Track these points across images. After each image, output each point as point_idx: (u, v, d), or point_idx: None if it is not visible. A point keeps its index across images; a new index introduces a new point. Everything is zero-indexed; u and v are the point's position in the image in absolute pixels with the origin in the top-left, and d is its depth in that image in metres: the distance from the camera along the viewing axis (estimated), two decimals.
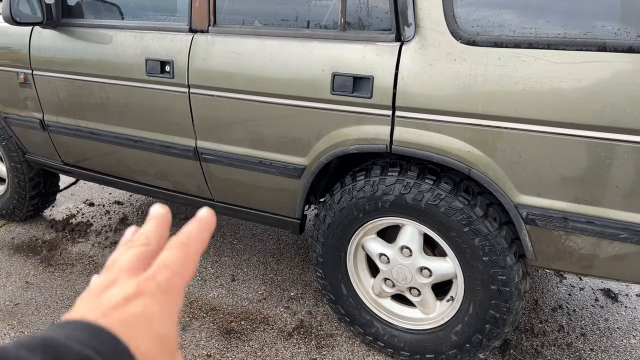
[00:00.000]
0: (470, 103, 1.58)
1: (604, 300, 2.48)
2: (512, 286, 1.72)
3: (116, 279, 0.32)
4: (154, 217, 0.38)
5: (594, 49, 1.41)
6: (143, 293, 0.30)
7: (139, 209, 3.46)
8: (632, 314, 2.38)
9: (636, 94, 1.38)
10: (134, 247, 0.35)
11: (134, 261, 0.33)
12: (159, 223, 0.37)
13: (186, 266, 0.34)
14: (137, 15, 2.36)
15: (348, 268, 2.04)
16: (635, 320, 2.34)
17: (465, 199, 1.70)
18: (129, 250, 0.34)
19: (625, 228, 1.49)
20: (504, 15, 1.53)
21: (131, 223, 3.23)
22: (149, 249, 0.35)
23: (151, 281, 0.31)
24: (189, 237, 0.35)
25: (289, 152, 1.97)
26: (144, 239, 0.35)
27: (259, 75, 1.92)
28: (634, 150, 1.41)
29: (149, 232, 0.36)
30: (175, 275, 0.32)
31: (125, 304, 0.29)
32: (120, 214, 3.37)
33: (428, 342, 1.96)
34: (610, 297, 2.50)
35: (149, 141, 2.33)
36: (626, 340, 2.20)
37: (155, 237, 0.36)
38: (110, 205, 3.52)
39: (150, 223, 0.37)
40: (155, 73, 2.14)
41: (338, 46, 1.77)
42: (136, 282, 0.31)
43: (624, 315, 2.38)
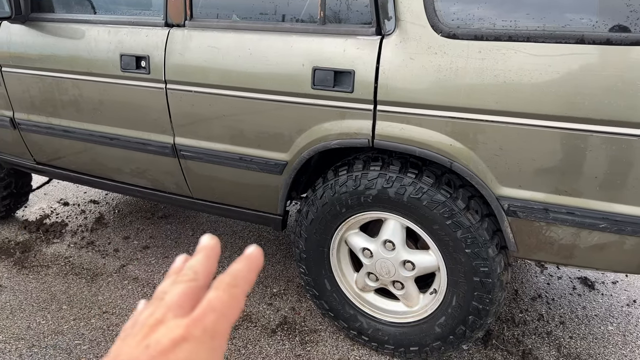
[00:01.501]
0: (452, 96, 1.58)
1: (582, 289, 2.53)
2: (494, 277, 1.74)
3: (164, 317, 0.32)
4: (203, 249, 0.37)
5: (573, 42, 1.43)
6: (190, 338, 0.30)
7: (115, 208, 3.39)
8: (609, 301, 2.44)
9: (613, 85, 1.40)
10: (182, 283, 0.34)
11: (181, 298, 0.33)
12: (208, 255, 0.37)
13: (232, 308, 0.33)
14: (110, 9, 2.29)
15: (331, 263, 2.04)
16: (611, 307, 2.39)
17: (447, 192, 1.71)
18: (176, 286, 0.34)
19: (604, 218, 1.52)
20: (484, 9, 1.53)
21: (107, 222, 3.17)
22: (197, 285, 0.35)
23: (198, 325, 0.31)
24: (237, 277, 0.35)
25: (270, 147, 1.95)
26: (192, 273, 0.35)
27: (238, 70, 1.89)
28: (612, 141, 1.44)
29: (197, 266, 0.36)
30: (222, 318, 0.32)
31: (172, 349, 0.29)
32: (96, 213, 3.30)
33: (412, 335, 1.97)
34: (587, 285, 2.55)
35: (125, 138, 2.28)
36: (604, 327, 2.25)
37: (204, 272, 0.36)
38: (85, 204, 3.44)
39: (199, 256, 0.37)
40: (131, 69, 2.09)
41: (318, 40, 1.75)
42: (184, 325, 0.31)
43: (601, 302, 2.43)
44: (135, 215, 3.29)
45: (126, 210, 3.36)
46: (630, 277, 2.63)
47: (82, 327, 2.21)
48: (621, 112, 1.40)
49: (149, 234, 3.04)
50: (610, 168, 1.47)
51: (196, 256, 0.37)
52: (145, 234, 3.04)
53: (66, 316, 2.28)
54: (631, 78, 1.38)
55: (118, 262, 2.72)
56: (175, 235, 3.04)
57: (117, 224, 3.16)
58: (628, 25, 1.38)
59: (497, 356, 2.06)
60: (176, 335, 0.30)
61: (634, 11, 1.37)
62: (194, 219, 3.25)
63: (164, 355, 0.29)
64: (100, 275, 2.59)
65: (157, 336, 0.30)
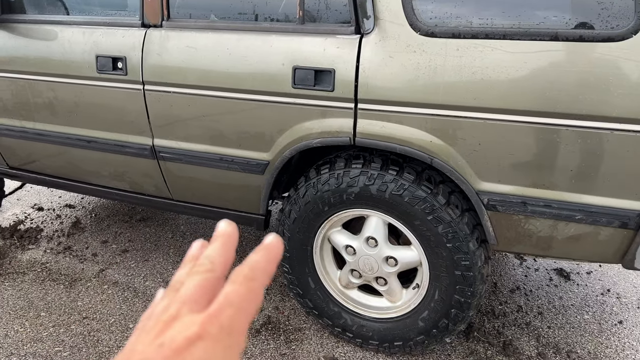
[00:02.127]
0: (431, 94, 1.61)
1: (558, 280, 2.60)
2: (475, 271, 1.77)
3: (178, 313, 0.30)
4: (220, 236, 0.36)
5: (547, 39, 1.47)
6: (205, 336, 0.29)
7: (92, 212, 3.34)
8: (584, 291, 2.51)
9: (587, 81, 1.44)
10: (198, 274, 0.33)
11: (197, 291, 0.32)
12: (226, 243, 0.35)
13: (251, 302, 0.32)
14: (84, 10, 2.26)
15: (315, 261, 2.05)
16: (587, 296, 2.46)
17: (428, 187, 1.74)
18: (192, 277, 0.33)
19: (580, 210, 1.57)
20: (461, 7, 1.56)
21: (84, 227, 3.12)
22: (214, 276, 0.33)
23: (214, 321, 0.30)
24: (255, 269, 0.33)
25: (251, 147, 1.95)
26: (209, 264, 0.34)
27: (217, 70, 1.88)
28: (585, 135, 1.48)
29: (214, 255, 0.34)
30: (240, 313, 0.31)
31: (187, 348, 0.28)
32: (72, 217, 3.24)
33: (396, 330, 1.99)
34: (563, 276, 2.62)
35: (102, 141, 2.24)
36: (580, 316, 2.32)
37: (221, 262, 0.34)
38: (61, 209, 3.38)
39: (217, 244, 0.35)
40: (107, 70, 2.06)
41: (298, 39, 1.76)
42: (199, 322, 0.29)
43: (577, 292, 2.50)
44: (112, 218, 3.25)
45: (103, 214, 3.30)
46: (604, 267, 2.71)
47: (62, 333, 2.17)
48: (593, 107, 1.45)
49: (128, 237, 3.00)
50: (584, 161, 1.52)
51: (213, 244, 0.35)
52: (123, 238, 2.99)
53: (45, 323, 2.24)
54: (601, 73, 1.43)
55: (97, 266, 2.68)
56: (154, 238, 3.00)
57: (95, 228, 3.11)
58: (599, 22, 1.42)
59: (479, 348, 2.10)
60: (191, 333, 0.29)
61: (604, 9, 1.41)
62: (174, 221, 3.22)
63: (179, 354, 0.28)
64: (78, 281, 2.55)
65: (172, 333, 0.29)
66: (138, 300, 2.40)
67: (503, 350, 2.09)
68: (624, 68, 1.40)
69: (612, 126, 1.45)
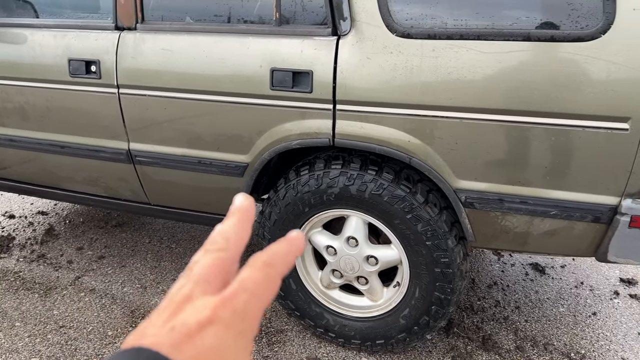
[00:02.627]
0: (408, 94, 1.63)
1: (533, 274, 2.66)
2: (454, 267, 1.80)
3: (191, 294, 0.29)
4: (236, 212, 0.34)
5: (520, 39, 1.50)
6: (217, 320, 0.28)
7: (65, 218, 3.27)
8: (559, 284, 2.57)
9: (559, 80, 1.48)
10: (211, 252, 0.32)
11: (209, 271, 0.31)
12: (241, 219, 0.34)
13: (267, 289, 0.31)
14: (55, 13, 2.22)
15: (296, 263, 2.05)
16: (562, 290, 2.53)
17: (407, 187, 1.76)
18: (206, 256, 0.32)
19: (555, 205, 1.61)
20: (436, 9, 1.58)
21: (58, 234, 3.05)
22: (227, 255, 0.32)
23: (227, 305, 0.29)
24: (275, 257, 0.32)
25: (229, 150, 1.94)
26: (223, 241, 0.33)
27: (194, 73, 1.87)
28: (560, 133, 1.52)
29: (229, 232, 0.33)
30: (254, 298, 0.30)
31: (198, 332, 0.27)
32: (45, 224, 3.17)
33: (378, 329, 2.01)
34: (538, 271, 2.68)
35: (76, 146, 2.20)
36: (555, 309, 2.37)
37: (236, 239, 0.33)
38: (33, 216, 3.30)
39: (232, 220, 0.34)
40: (80, 74, 2.02)
41: (275, 41, 1.76)
42: (212, 306, 0.28)
43: (552, 286, 2.56)
44: (87, 224, 3.19)
45: (78, 220, 3.24)
46: (577, 260, 2.78)
47: (38, 343, 2.12)
48: (565, 105, 1.49)
49: (104, 243, 2.95)
50: (558, 158, 1.56)
51: (228, 220, 0.34)
52: (99, 244, 2.94)
53: (20, 333, 2.18)
54: (572, 72, 1.47)
55: (72, 274, 2.63)
56: (131, 243, 2.96)
57: (69, 234, 3.05)
58: (569, 22, 1.46)
59: (459, 343, 2.14)
60: (203, 317, 0.28)
61: (574, 9, 1.45)
62: (150, 225, 3.18)
63: (189, 338, 0.27)
64: (54, 289, 2.50)
65: (184, 316, 0.28)
66: (116, 307, 2.36)
67: (482, 345, 2.12)
68: (594, 67, 1.45)
69: (584, 123, 1.49)
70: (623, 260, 1.62)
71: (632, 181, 1.52)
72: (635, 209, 1.53)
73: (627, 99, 1.43)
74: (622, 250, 1.60)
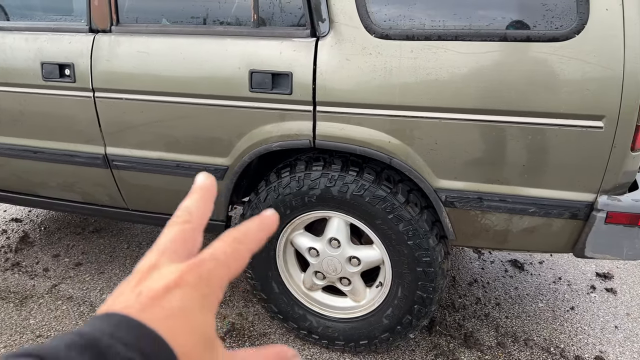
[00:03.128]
0: (388, 95, 1.63)
1: (513, 271, 2.70)
2: (436, 266, 1.81)
3: (157, 262, 0.30)
4: (199, 189, 0.36)
5: (497, 39, 1.52)
6: (183, 284, 0.29)
7: (40, 225, 3.19)
8: (537, 280, 2.61)
9: (535, 79, 1.50)
10: (175, 224, 0.33)
11: (174, 241, 0.32)
12: (204, 196, 0.35)
13: (235, 261, 0.32)
14: (26, 15, 2.16)
15: (278, 265, 2.04)
16: (540, 285, 2.57)
17: (388, 187, 1.76)
18: (170, 228, 0.33)
19: (533, 203, 1.63)
20: (414, 9, 1.59)
21: (33, 241, 2.98)
22: (191, 227, 0.33)
23: (194, 270, 0.30)
24: (246, 234, 0.33)
25: (209, 153, 1.92)
26: (186, 214, 0.34)
27: (171, 75, 1.85)
28: (536, 131, 1.55)
29: (191, 206, 0.34)
30: (221, 267, 0.31)
31: (164, 295, 0.28)
32: (19, 232, 3.09)
33: (361, 329, 2.01)
34: (517, 267, 2.72)
35: (50, 151, 2.15)
36: (535, 305, 2.41)
37: (198, 214, 0.34)
38: (6, 223, 3.21)
39: (194, 196, 0.35)
40: (54, 77, 1.98)
41: (253, 43, 1.75)
42: (178, 271, 0.29)
43: (531, 282, 2.60)
44: (63, 231, 3.12)
45: (53, 227, 3.17)
46: (555, 256, 2.83)
47: None
48: (541, 104, 1.51)
49: (81, 249, 2.89)
50: (535, 156, 1.58)
51: (190, 197, 0.35)
52: (76, 251, 2.88)
53: None
54: (548, 72, 1.49)
55: (49, 282, 2.57)
56: (109, 249, 2.91)
57: (45, 242, 2.98)
58: (544, 23, 1.49)
59: (442, 342, 2.15)
60: (169, 280, 0.29)
61: (549, 10, 1.48)
62: (129, 230, 3.13)
63: (156, 301, 0.28)
64: (30, 298, 2.44)
65: (150, 282, 0.29)
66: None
67: (464, 342, 2.15)
68: (569, 66, 1.47)
69: (560, 122, 1.52)
70: (600, 255, 1.66)
71: (607, 178, 1.55)
72: (611, 205, 1.56)
73: (601, 98, 1.46)
74: (598, 246, 1.64)
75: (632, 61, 1.42)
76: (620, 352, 2.10)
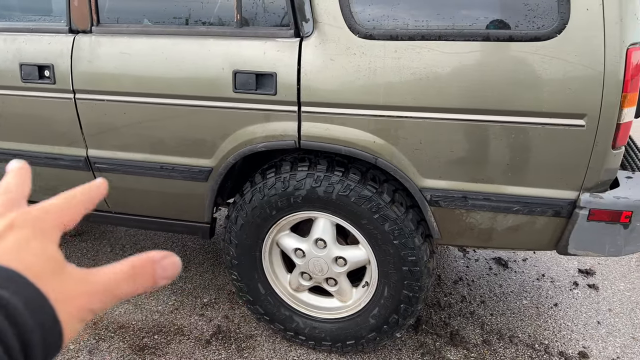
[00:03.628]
0: (372, 95, 1.63)
1: (497, 268, 2.72)
2: (421, 265, 1.82)
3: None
4: (11, 171, 0.39)
5: (480, 39, 1.53)
6: (15, 225, 0.32)
7: None
8: (521, 277, 2.64)
9: (518, 79, 1.52)
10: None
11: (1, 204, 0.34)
12: (18, 174, 0.38)
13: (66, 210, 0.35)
14: (3, 15, 2.12)
15: (264, 267, 2.03)
16: (524, 282, 2.59)
17: (373, 187, 1.77)
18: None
19: (517, 201, 1.65)
20: (398, 9, 1.60)
21: None
22: (13, 197, 0.35)
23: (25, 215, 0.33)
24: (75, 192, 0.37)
25: (193, 154, 1.90)
26: (2, 188, 0.36)
27: (154, 76, 1.83)
28: (520, 130, 1.56)
29: (9, 181, 0.37)
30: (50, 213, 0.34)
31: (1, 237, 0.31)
32: None
33: (348, 329, 2.01)
34: (501, 265, 2.74)
35: (30, 154, 2.11)
36: (519, 302, 2.44)
37: (16, 186, 0.37)
38: None
39: (8, 175, 0.38)
40: (33, 79, 1.95)
41: (237, 43, 1.74)
42: (10, 218, 0.32)
43: (515, 279, 2.63)
44: None
45: None
46: (538, 253, 2.86)
47: None
48: (524, 103, 1.53)
49: (63, 254, 2.83)
50: (518, 155, 1.60)
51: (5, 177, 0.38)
52: None
53: None
54: (530, 71, 1.51)
55: None
56: (92, 252, 2.87)
57: None
58: (526, 22, 1.50)
59: (428, 340, 2.16)
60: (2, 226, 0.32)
61: (530, 10, 1.49)
62: (112, 233, 3.09)
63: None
64: None
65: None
66: None
67: (450, 340, 2.16)
68: (551, 66, 1.49)
69: (542, 121, 1.54)
70: (582, 252, 1.68)
71: (590, 176, 1.57)
72: (593, 203, 1.58)
73: (582, 97, 1.48)
74: (581, 243, 1.66)
75: (612, 60, 1.44)
76: (603, 347, 2.13)
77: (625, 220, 1.59)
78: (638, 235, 1.62)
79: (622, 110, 1.48)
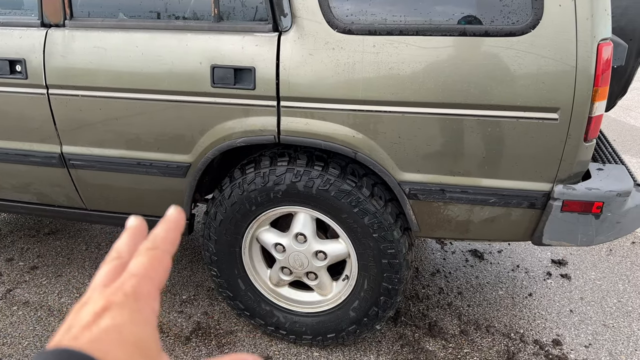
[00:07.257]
0: (351, 90, 1.64)
1: (473, 260, 2.77)
2: (400, 258, 1.84)
3: (88, 298, 0.31)
4: (127, 230, 0.37)
5: (457, 34, 1.56)
6: (111, 306, 0.30)
7: None
8: (497, 268, 2.70)
9: (493, 73, 1.55)
10: (106, 264, 0.34)
11: (106, 277, 0.33)
12: (133, 234, 0.36)
13: (155, 269, 0.33)
14: None
15: (244, 262, 2.02)
16: (500, 274, 2.65)
17: (353, 181, 1.78)
18: (102, 268, 0.34)
19: (493, 194, 1.68)
20: (376, 4, 1.61)
21: None
22: (121, 262, 0.34)
23: (118, 291, 0.30)
24: (156, 239, 0.35)
25: (170, 150, 1.88)
26: (114, 253, 0.35)
27: (130, 71, 1.80)
28: (496, 124, 1.59)
29: (121, 245, 0.35)
30: (143, 280, 0.32)
31: (95, 321, 0.29)
32: None
33: (328, 323, 2.02)
34: (477, 257, 2.80)
35: (2, 151, 2.06)
36: (495, 293, 2.49)
37: (128, 250, 0.35)
38: None
39: (123, 236, 0.36)
40: (4, 74, 1.90)
41: (215, 38, 1.72)
42: (104, 297, 0.30)
43: (490, 270, 2.68)
44: (17, 234, 3.00)
45: (5, 230, 3.04)
46: (512, 245, 2.93)
47: None
48: (500, 97, 1.56)
49: (36, 253, 2.79)
50: (494, 148, 1.63)
51: (121, 238, 0.36)
52: (31, 254, 2.78)
53: None
54: (505, 66, 1.54)
55: (3, 287, 2.47)
56: (66, 251, 2.82)
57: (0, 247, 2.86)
58: (501, 18, 1.53)
59: (407, 332, 2.19)
60: (97, 307, 0.29)
61: (505, 5, 1.52)
62: (87, 231, 3.04)
63: (87, 328, 0.28)
64: None
65: (80, 316, 0.30)
66: (54, 319, 2.24)
67: (429, 331, 2.19)
68: (525, 60, 1.52)
69: (517, 114, 1.57)
70: (556, 242, 1.72)
71: (563, 168, 1.61)
72: (566, 194, 1.63)
73: (555, 91, 1.52)
74: (555, 233, 1.70)
75: (584, 55, 1.48)
76: (576, 335, 2.20)
77: (597, 210, 1.64)
78: (609, 225, 1.67)
79: (593, 103, 1.53)
